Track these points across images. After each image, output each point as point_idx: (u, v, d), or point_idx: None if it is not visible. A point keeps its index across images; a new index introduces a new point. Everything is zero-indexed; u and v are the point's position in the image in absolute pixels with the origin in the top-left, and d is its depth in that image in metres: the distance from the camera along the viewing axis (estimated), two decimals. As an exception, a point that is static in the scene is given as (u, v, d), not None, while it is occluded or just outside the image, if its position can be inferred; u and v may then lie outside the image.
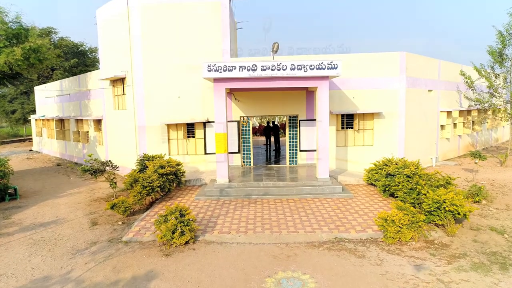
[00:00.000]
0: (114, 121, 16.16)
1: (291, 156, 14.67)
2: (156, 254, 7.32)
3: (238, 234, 8.14)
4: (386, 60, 14.04)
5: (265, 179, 12.05)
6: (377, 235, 7.95)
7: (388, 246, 7.49)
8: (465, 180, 13.23)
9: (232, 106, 14.35)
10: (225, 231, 8.35)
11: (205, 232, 8.30)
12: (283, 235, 8.09)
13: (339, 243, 7.68)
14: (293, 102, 14.29)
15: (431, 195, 8.14)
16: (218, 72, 10.92)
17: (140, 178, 10.18)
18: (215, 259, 7.05)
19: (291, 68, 10.91)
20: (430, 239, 7.80)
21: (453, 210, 7.68)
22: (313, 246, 7.55)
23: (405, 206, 7.81)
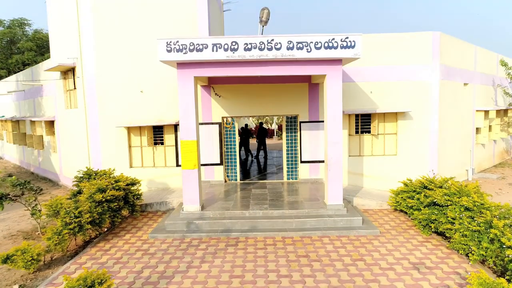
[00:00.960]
0: (67, 123, 12.75)
1: (289, 168, 11.25)
2: None
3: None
4: (414, 43, 10.64)
5: (253, 204, 8.63)
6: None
7: None
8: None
9: (212, 104, 10.95)
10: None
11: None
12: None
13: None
14: (292, 98, 10.90)
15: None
16: (182, 52, 7.52)
17: (63, 210, 6.77)
18: None
19: (288, 47, 7.51)
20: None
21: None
22: None
23: (496, 283, 4.37)
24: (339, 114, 7.96)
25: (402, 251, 6.67)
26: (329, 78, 7.89)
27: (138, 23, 10.69)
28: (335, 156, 8.02)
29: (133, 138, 11.26)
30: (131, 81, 10.88)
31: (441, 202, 6.84)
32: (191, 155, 8.02)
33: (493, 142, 15.36)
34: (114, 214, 7.85)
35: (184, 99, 7.91)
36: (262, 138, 17.19)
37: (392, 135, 11.02)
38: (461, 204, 6.45)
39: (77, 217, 6.73)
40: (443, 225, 6.72)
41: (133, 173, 11.02)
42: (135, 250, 6.93)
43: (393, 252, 6.64)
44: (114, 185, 8.02)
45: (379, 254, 6.55)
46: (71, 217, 6.65)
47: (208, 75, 7.88)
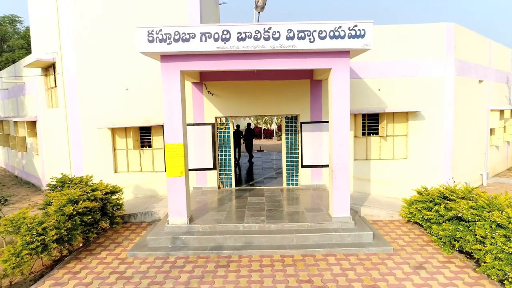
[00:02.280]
0: (49, 123, 11.76)
1: (289, 174, 10.25)
2: None
3: None
4: (426, 35, 9.65)
5: (248, 215, 7.64)
6: None
7: None
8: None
9: (204, 103, 9.95)
10: None
11: None
12: None
13: None
14: (292, 96, 9.91)
15: None
16: (166, 43, 6.52)
17: (24, 226, 5.77)
18: None
19: (287, 37, 6.51)
20: None
21: None
22: None
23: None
24: (346, 114, 6.97)
25: (422, 274, 5.68)
26: (335, 72, 6.89)
27: (123, 14, 9.70)
28: (342, 162, 7.02)
29: (118, 140, 10.26)
30: (115, 77, 9.89)
31: (467, 216, 5.83)
32: (177, 160, 7.03)
33: (507, 143, 14.38)
34: (89, 229, 6.85)
35: (169, 97, 6.92)
36: (249, 140, 16.14)
37: (402, 137, 10.02)
38: (492, 220, 5.45)
39: (41, 235, 5.73)
40: (469, 244, 5.72)
41: (118, 178, 10.04)
42: (109, 273, 5.93)
43: (411, 276, 5.64)
44: (90, 194, 7.03)
45: (395, 279, 5.55)
46: (33, 234, 5.65)
47: (196, 69, 6.88)
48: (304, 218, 7.37)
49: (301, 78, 9.80)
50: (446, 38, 9.62)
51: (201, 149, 9.99)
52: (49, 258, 5.90)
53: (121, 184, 9.80)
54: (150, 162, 10.29)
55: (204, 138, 9.99)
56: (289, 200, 8.81)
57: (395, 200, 9.56)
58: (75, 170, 10.27)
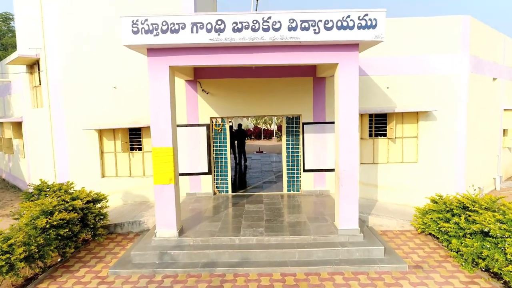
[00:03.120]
0: (34, 124, 11.02)
1: (290, 178, 9.52)
2: None
3: None
4: (439, 29, 8.92)
5: (245, 226, 6.91)
6: None
7: None
8: None
9: (198, 103, 9.22)
10: None
11: None
12: None
13: None
14: (293, 95, 9.18)
15: None
16: (153, 34, 5.78)
17: (-12, 242, 5.03)
18: None
19: (289, 27, 5.77)
20: None
21: None
22: None
23: None
24: (355, 115, 6.23)
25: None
26: (342, 68, 6.15)
27: (111, 6, 8.96)
28: (350, 168, 6.29)
29: (105, 143, 9.52)
30: (103, 75, 9.16)
31: (495, 232, 5.10)
32: (166, 166, 6.29)
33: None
34: (66, 243, 6.11)
35: (156, 95, 6.18)
36: (241, 141, 15.28)
37: (412, 138, 9.30)
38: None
39: (6, 253, 5.00)
40: (498, 263, 4.99)
41: (106, 183, 9.32)
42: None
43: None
44: (68, 204, 6.29)
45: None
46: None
47: (187, 64, 6.14)
48: (307, 230, 6.64)
49: (303, 75, 9.07)
50: (461, 32, 8.90)
51: (195, 152, 9.26)
52: (17, 278, 5.16)
53: (109, 189, 9.13)
54: (140, 166, 9.56)
55: (198, 140, 9.26)
56: (290, 208, 8.07)
57: (404, 208, 8.85)
58: (60, 174, 9.54)
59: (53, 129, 9.52)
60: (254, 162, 15.88)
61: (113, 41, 8.87)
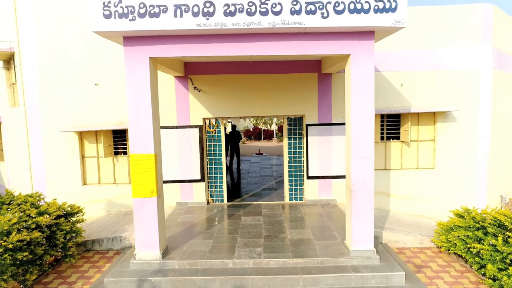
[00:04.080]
0: (11, 125, 10.05)
1: (292, 186, 8.56)
2: None
3: None
4: (458, 18, 7.95)
5: (241, 245, 5.94)
6: None
7: None
8: None
9: (190, 102, 8.27)
10: None
11: None
12: None
13: None
14: (296, 93, 8.23)
15: None
16: (128, 19, 4.82)
17: None
18: None
19: (292, 11, 4.81)
20: None
21: None
22: None
23: None
24: (370, 116, 5.27)
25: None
26: (355, 60, 5.19)
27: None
28: (364, 178, 5.32)
29: (87, 146, 8.56)
30: (83, 71, 8.20)
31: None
32: (147, 176, 5.33)
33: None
34: (26, 269, 5.14)
35: (134, 92, 5.22)
36: (234, 144, 14.19)
37: (429, 142, 8.33)
38: None
39: None
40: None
41: (87, 192, 8.38)
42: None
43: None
44: (32, 221, 5.32)
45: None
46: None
47: (170, 54, 5.18)
48: (313, 250, 5.67)
49: (306, 71, 8.12)
50: (482, 22, 7.93)
51: (186, 157, 8.30)
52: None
53: (91, 198, 8.21)
54: (126, 172, 8.60)
55: (190, 144, 8.30)
56: (292, 222, 7.10)
57: (420, 219, 7.90)
58: (36, 181, 8.59)
59: (29, 131, 8.57)
60: (253, 165, 14.92)
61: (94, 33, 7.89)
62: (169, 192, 8.38)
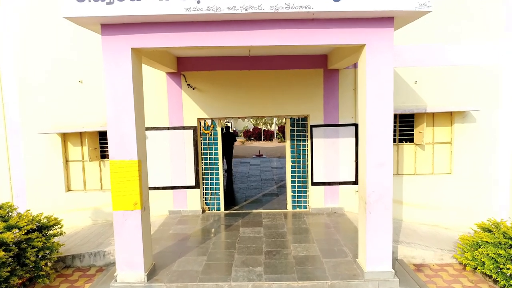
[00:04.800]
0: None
1: (295, 193, 7.84)
2: None
3: None
4: (479, 9, 7.23)
5: (238, 263, 5.22)
6: None
7: None
8: None
9: (183, 100, 7.54)
10: None
11: None
12: None
13: None
14: (299, 92, 7.51)
15: None
16: (105, 2, 4.09)
17: None
18: None
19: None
20: None
21: None
22: None
23: None
24: (389, 116, 4.54)
25: None
26: (372, 51, 4.46)
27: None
28: (381, 189, 4.59)
29: (71, 149, 7.84)
30: (66, 66, 7.47)
31: None
32: (129, 186, 4.60)
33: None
34: (-13, 293, 4.42)
35: (114, 88, 4.49)
36: (228, 146, 13.08)
37: (445, 144, 7.60)
38: None
39: None
40: None
41: (71, 199, 7.68)
42: None
43: None
44: None
45: None
46: None
47: (156, 45, 4.45)
48: (321, 271, 4.94)
49: (311, 66, 7.40)
50: (505, 13, 7.20)
51: (179, 161, 7.58)
52: None
53: (75, 206, 7.53)
54: (113, 177, 7.86)
55: (183, 147, 7.58)
56: (296, 234, 6.37)
57: (436, 230, 7.18)
58: (16, 188, 7.86)
59: (7, 133, 7.83)
60: (253, 168, 14.18)
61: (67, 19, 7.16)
62: (161, 200, 7.66)
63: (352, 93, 7.45)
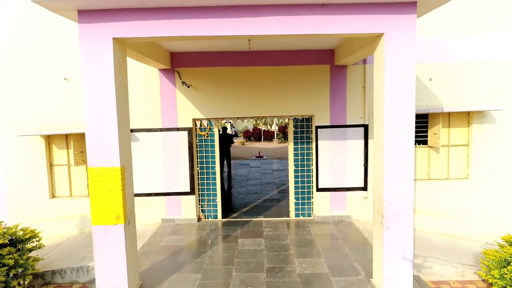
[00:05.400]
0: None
1: (299, 199, 7.24)
2: None
3: None
4: (500, 1, 6.65)
5: (236, 284, 4.61)
6: None
7: None
8: None
9: (177, 100, 6.94)
10: None
11: None
12: None
13: None
14: (303, 90, 6.91)
15: None
16: (79, -18, 3.49)
17: None
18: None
19: (307, -29, 3.48)
20: None
21: None
22: None
23: None
24: (410, 117, 3.96)
25: None
26: (391, 42, 3.86)
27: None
28: (401, 200, 3.99)
29: (55, 152, 7.23)
30: (51, 63, 6.87)
31: None
32: (111, 196, 4.00)
33: None
34: None
35: (93, 85, 3.89)
36: (225, 148, 12.46)
37: (461, 147, 7.01)
38: None
39: None
40: None
41: (56, 206, 7.09)
42: None
43: None
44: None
45: None
46: None
47: (141, 35, 3.85)
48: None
49: (316, 62, 6.80)
50: (528, 4, 6.61)
51: (173, 166, 6.98)
52: None
53: (60, 213, 6.98)
54: (102, 183, 7.25)
55: (177, 150, 6.98)
56: (300, 247, 5.77)
57: (452, 241, 6.59)
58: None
59: (-13, 135, 7.23)
60: (252, 170, 13.58)
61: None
62: (153, 207, 7.06)
63: (361, 91, 6.85)
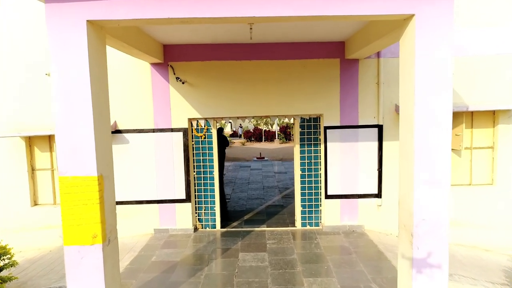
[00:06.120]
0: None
1: (305, 207, 6.57)
2: None
3: None
4: (529, -13, 5.99)
5: (236, 309, 3.96)
6: None
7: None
8: None
9: (171, 97, 6.28)
10: None
11: None
12: None
13: None
14: (310, 87, 6.24)
15: None
16: (42, -51, 2.83)
17: None
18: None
19: None
20: None
21: None
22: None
23: None
24: (447, 116, 3.31)
25: None
26: (423, 25, 3.19)
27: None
28: (435, 216, 3.34)
29: (38, 155, 6.58)
30: (31, 56, 6.22)
31: None
32: (86, 211, 3.33)
33: None
34: None
35: (63, 79, 3.23)
36: (221, 151, 11.59)
37: (486, 150, 6.34)
38: None
39: None
40: None
41: (39, 214, 6.46)
42: None
43: None
44: None
45: None
46: None
47: (120, 17, 3.19)
48: (348, 323, 3.68)
49: (324, 56, 6.14)
50: (561, -10, 5.95)
51: (167, 170, 6.32)
52: None
53: (43, 223, 6.37)
54: (89, 189, 6.60)
55: (171, 153, 6.32)
56: (309, 263, 5.10)
57: (477, 254, 5.94)
58: (-28, 201, 6.61)
59: (-37, 136, 6.58)
60: (254, 173, 12.92)
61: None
62: (145, 216, 6.41)
63: (375, 88, 6.19)
